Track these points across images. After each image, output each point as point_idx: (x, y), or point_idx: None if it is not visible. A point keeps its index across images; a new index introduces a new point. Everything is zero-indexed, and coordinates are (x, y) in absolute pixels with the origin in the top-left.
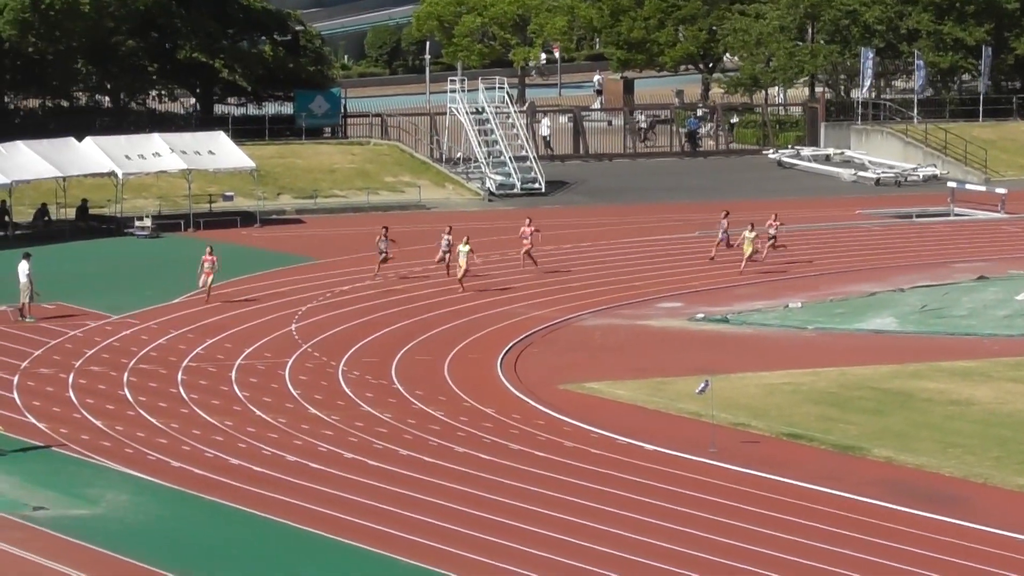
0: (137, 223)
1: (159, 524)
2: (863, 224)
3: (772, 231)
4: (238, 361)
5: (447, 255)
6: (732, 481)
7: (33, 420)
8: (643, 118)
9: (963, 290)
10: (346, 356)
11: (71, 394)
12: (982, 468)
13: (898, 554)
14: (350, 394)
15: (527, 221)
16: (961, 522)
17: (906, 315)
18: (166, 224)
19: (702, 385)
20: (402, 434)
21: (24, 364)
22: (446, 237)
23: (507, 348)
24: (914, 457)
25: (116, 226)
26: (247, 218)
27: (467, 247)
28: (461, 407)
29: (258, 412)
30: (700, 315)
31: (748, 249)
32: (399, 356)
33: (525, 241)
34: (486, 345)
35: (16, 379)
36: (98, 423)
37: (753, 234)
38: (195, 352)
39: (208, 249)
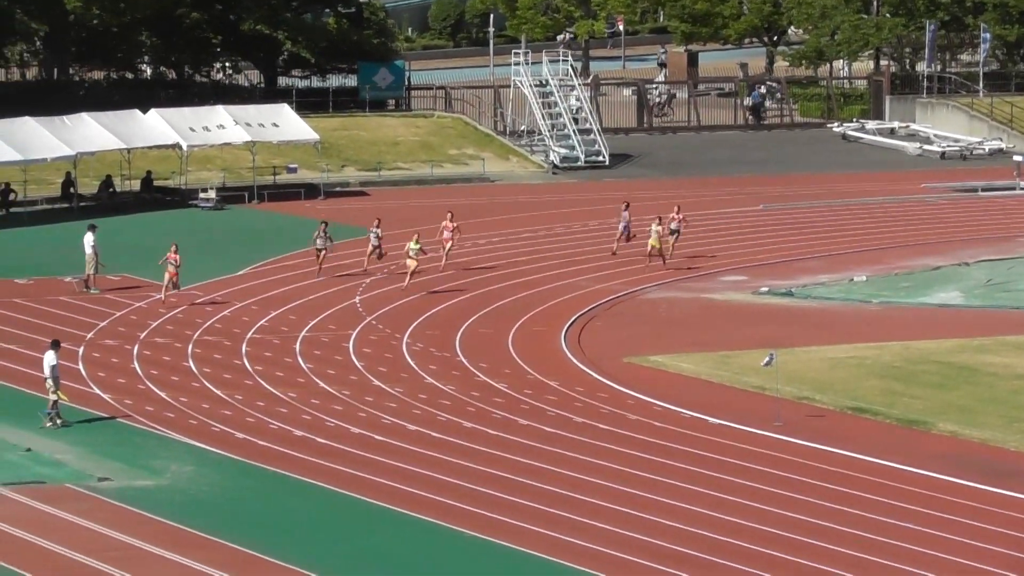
0: (201, 195)
1: (223, 495)
2: (928, 198)
3: (673, 225)
4: (302, 333)
5: (378, 249)
6: (797, 455)
7: (98, 391)
8: (658, 92)
9: None
10: (410, 328)
11: (136, 365)
12: None
13: (962, 528)
14: (414, 366)
15: (448, 216)
16: None
17: (971, 289)
18: (230, 196)
19: (767, 358)
20: (465, 407)
21: (89, 335)
22: (374, 231)
23: (571, 321)
24: (979, 431)
25: (180, 198)
26: (311, 190)
27: (417, 245)
28: (525, 380)
29: (322, 384)
30: (764, 288)
31: (655, 243)
32: (463, 328)
33: (445, 237)
34: (550, 318)
35: (81, 350)
36: (163, 394)
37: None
38: (259, 324)
39: (173, 247)
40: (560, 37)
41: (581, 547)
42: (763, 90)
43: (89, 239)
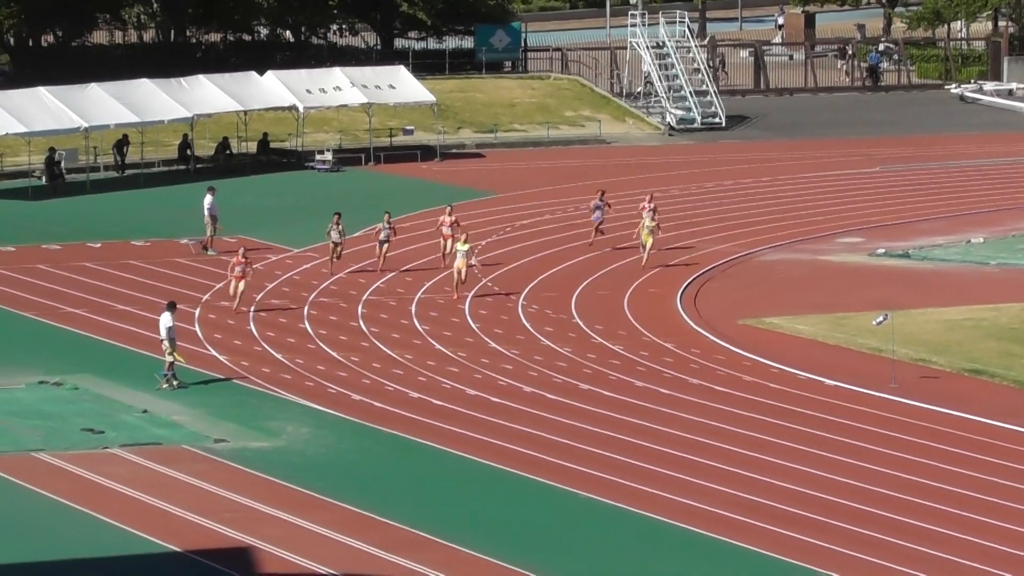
0: (318, 157)
1: (339, 457)
2: None
3: (646, 215)
4: (417, 295)
5: (386, 244)
6: (913, 417)
7: (214, 353)
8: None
9: None
10: (526, 290)
11: (252, 327)
12: None
13: None
14: (529, 328)
15: (447, 210)
16: None
17: None
18: (346, 158)
19: (881, 317)
20: (582, 368)
21: (205, 297)
22: (386, 226)
23: (687, 283)
24: None
25: (296, 160)
26: (427, 152)
27: (466, 246)
28: (641, 341)
29: (438, 345)
30: (881, 250)
31: (647, 239)
32: (578, 290)
33: (445, 233)
34: (666, 280)
35: (197, 312)
36: (279, 356)
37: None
38: (375, 286)
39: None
40: None
41: (697, 509)
42: (881, 50)
43: (208, 201)
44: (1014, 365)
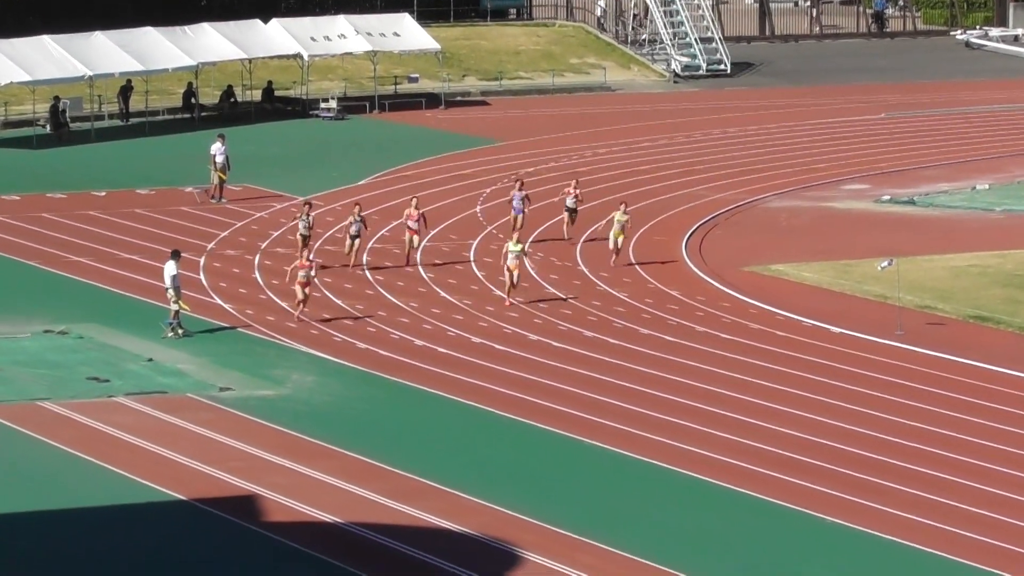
0: (322, 105)
1: (345, 405)
2: None
3: (569, 201)
4: (423, 243)
5: (357, 240)
6: (919, 363)
7: (219, 301)
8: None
9: None
10: (531, 238)
11: (257, 275)
12: None
13: None
14: (535, 276)
15: (413, 202)
16: None
17: None
18: (351, 106)
19: (886, 262)
20: (587, 316)
21: (210, 246)
22: (356, 219)
23: (692, 230)
24: None
25: (301, 108)
26: (432, 100)
27: (519, 246)
28: (646, 289)
29: (443, 293)
30: (886, 197)
31: (618, 236)
32: (583, 238)
33: (411, 226)
34: (670, 227)
35: (203, 260)
36: (284, 305)
37: (626, 217)
38: (380, 234)
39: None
40: None
41: (702, 456)
42: None
43: (216, 148)
44: (1019, 312)
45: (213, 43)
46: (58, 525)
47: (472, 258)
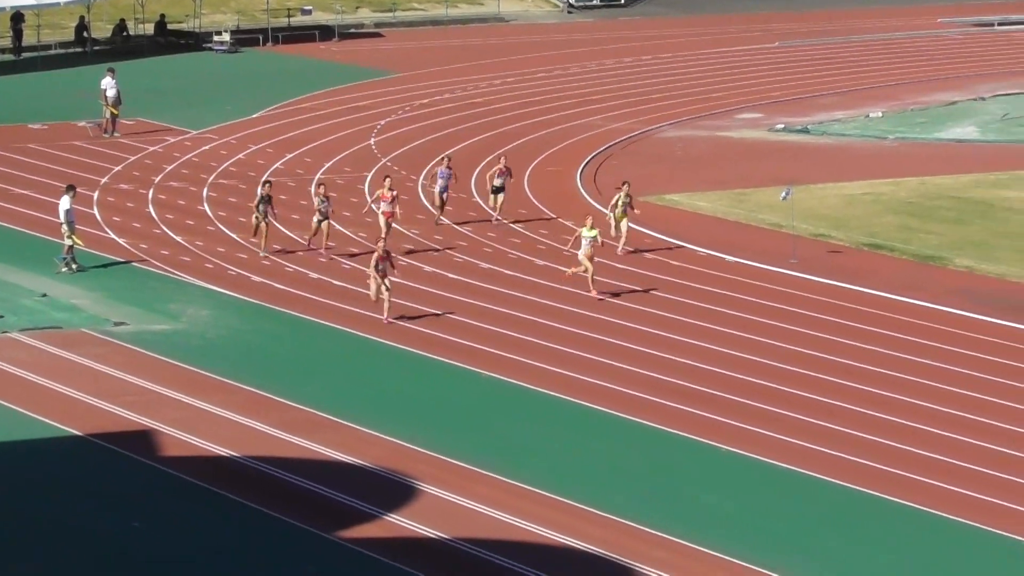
0: (215, 38)
1: (240, 338)
2: (944, 33)
3: (497, 181)
4: (317, 176)
5: (325, 222)
6: (813, 292)
7: (113, 236)
8: None
9: None
10: (425, 170)
11: (151, 209)
12: None
13: (978, 363)
14: (429, 208)
15: (386, 183)
16: None
17: (987, 124)
18: (244, 39)
19: (785, 192)
20: (482, 247)
21: (104, 180)
22: (322, 200)
23: (586, 160)
24: (994, 266)
25: (194, 41)
26: (325, 32)
27: (593, 232)
28: (540, 219)
29: (338, 226)
30: (780, 126)
31: (622, 218)
32: (478, 169)
33: (384, 209)
34: (565, 157)
35: (96, 195)
36: (178, 238)
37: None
38: (274, 167)
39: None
40: None
41: (591, 385)
42: None
43: (105, 82)
44: (912, 239)
45: None
46: None
47: (367, 190)
